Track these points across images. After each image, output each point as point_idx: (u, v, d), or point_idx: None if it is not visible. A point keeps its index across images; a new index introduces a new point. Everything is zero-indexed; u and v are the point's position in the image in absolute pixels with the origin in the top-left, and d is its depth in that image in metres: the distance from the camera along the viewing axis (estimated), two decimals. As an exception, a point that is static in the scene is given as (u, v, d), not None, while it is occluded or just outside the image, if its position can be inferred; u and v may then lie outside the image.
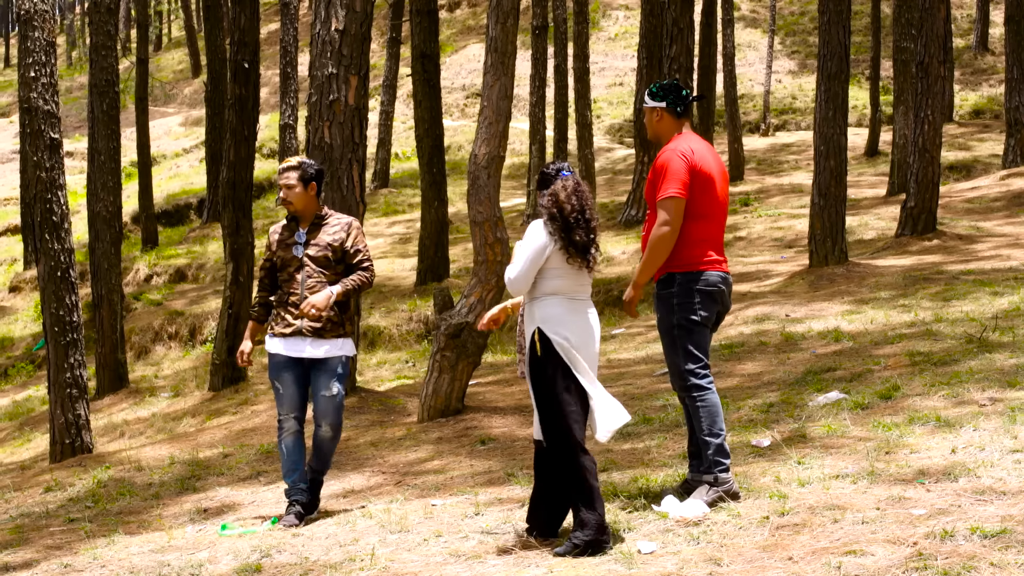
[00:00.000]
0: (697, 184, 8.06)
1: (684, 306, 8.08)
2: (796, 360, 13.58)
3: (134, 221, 42.19)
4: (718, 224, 8.24)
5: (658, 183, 8.08)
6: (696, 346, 8.14)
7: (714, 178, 8.15)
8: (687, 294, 8.07)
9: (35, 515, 11.29)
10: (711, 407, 8.10)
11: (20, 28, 15.73)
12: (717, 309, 8.21)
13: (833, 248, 20.18)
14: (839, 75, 20.42)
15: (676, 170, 8.00)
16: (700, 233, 8.12)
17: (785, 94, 51.15)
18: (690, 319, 8.09)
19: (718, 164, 8.29)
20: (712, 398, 8.11)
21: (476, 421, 12.59)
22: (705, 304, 8.10)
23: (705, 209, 8.12)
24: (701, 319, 8.10)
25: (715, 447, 8.03)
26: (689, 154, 8.06)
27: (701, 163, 8.08)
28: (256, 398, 17.19)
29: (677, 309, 8.06)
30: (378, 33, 58.31)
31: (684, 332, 8.11)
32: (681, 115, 8.30)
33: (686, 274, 8.08)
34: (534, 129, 35.48)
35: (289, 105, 42.90)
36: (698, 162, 8.06)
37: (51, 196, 15.53)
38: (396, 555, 7.64)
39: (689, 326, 8.11)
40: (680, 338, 8.11)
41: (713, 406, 8.10)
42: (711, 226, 8.18)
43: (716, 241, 8.22)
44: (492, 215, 12.74)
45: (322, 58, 15.33)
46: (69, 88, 71.28)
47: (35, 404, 25.15)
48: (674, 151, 8.08)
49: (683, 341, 8.11)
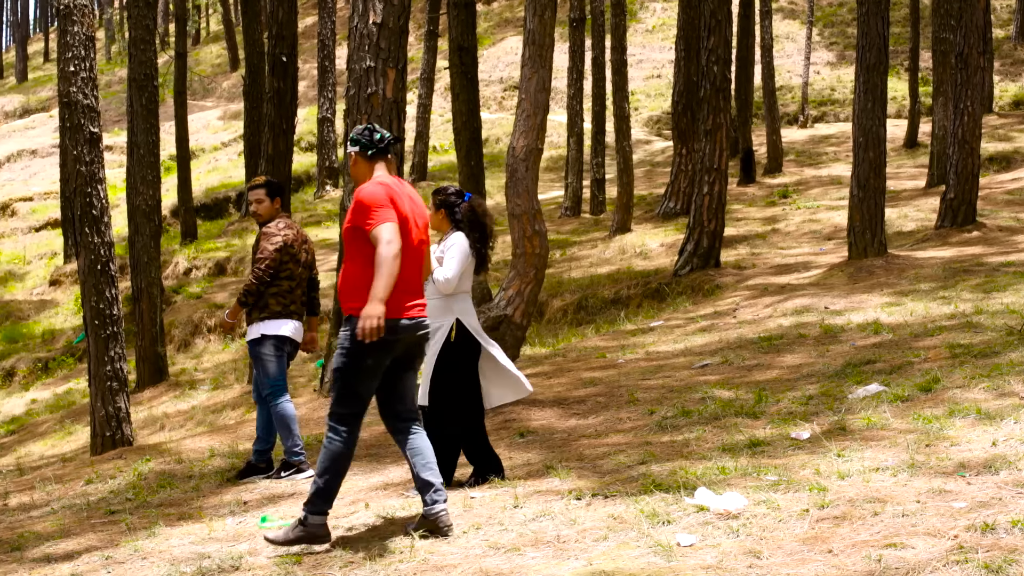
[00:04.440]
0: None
1: (355, 350, 8.01)
2: (835, 352, 13.54)
3: (173, 215, 42.33)
4: (409, 265, 8.15)
5: (360, 217, 8.02)
6: (351, 392, 8.16)
7: (407, 219, 8.16)
8: (362, 340, 7.88)
9: (76, 507, 11.34)
10: (334, 454, 8.11)
11: (59, 23, 15.78)
12: (393, 356, 8.17)
13: (872, 240, 20.10)
14: (878, 66, 20.33)
15: (380, 201, 8.01)
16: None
17: (824, 85, 50.95)
18: (357, 363, 8.07)
19: (414, 207, 8.33)
20: (338, 447, 8.11)
21: (515, 414, 12.59)
22: (378, 352, 8.03)
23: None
24: (368, 366, 8.06)
25: (318, 488, 8.07)
26: (388, 190, 8.11)
27: (398, 202, 8.11)
28: (295, 391, 17.21)
29: (347, 352, 8.02)
30: (415, 26, 58.34)
31: (348, 372, 8.09)
32: (373, 157, 8.38)
33: (378, 322, 7.88)
34: (572, 122, 35.44)
35: (327, 98, 43.07)
36: (397, 201, 8.10)
37: (91, 190, 15.59)
38: (435, 547, 7.65)
39: (355, 368, 8.08)
40: (342, 377, 8.11)
41: (336, 454, 8.10)
42: (403, 269, 8.07)
43: (406, 283, 8.14)
44: (530, 208, 12.74)
45: (360, 51, 15.36)
46: (108, 82, 71.55)
47: (76, 397, 25.29)
48: (372, 184, 8.14)
49: (343, 381, 8.12)
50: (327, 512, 8.06)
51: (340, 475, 8.14)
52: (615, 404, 12.42)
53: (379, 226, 7.91)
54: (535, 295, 13.00)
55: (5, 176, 56.86)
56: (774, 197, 32.46)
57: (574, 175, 34.80)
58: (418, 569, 7.24)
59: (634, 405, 12.17)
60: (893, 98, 44.40)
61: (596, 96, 34.43)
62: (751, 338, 15.44)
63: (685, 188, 30.02)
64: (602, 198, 34.87)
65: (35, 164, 57.62)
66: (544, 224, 12.92)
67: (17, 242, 45.64)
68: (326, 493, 8.07)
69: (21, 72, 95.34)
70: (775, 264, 22.80)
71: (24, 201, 50.72)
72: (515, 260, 12.95)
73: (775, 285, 19.88)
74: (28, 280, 39.93)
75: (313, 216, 39.63)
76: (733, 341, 15.50)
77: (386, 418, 8.47)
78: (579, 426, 11.70)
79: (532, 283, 12.87)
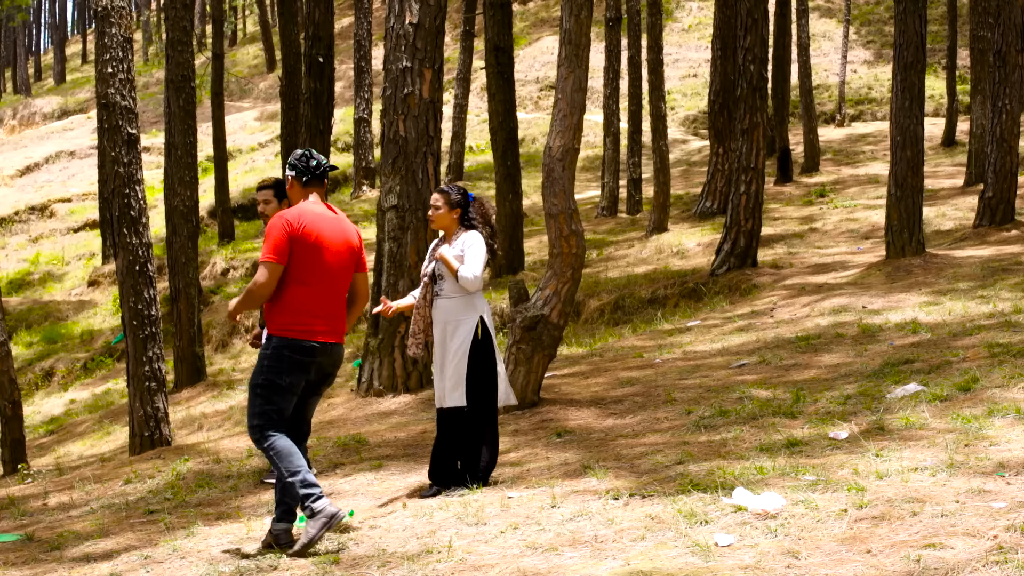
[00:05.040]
0: (298, 250, 8.38)
1: (271, 368, 8.37)
2: (874, 352, 13.50)
3: (211, 215, 42.44)
4: (326, 292, 8.52)
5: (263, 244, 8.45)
6: (271, 407, 8.40)
7: (323, 245, 8.43)
8: (277, 358, 8.36)
9: (115, 507, 11.39)
10: (281, 451, 8.33)
11: (97, 24, 15.85)
12: (307, 377, 8.50)
13: (910, 239, 20.02)
14: (915, 65, 20.25)
15: (275, 236, 8.35)
16: (299, 300, 8.40)
17: (861, 84, 50.77)
18: (274, 382, 8.39)
19: (337, 233, 8.58)
20: (280, 443, 8.34)
21: (552, 413, 12.59)
22: (292, 371, 8.38)
23: (307, 276, 8.44)
24: (285, 384, 8.39)
25: (299, 483, 8.20)
26: (294, 221, 8.40)
27: (308, 228, 8.41)
28: (332, 391, 17.24)
29: (265, 369, 8.34)
30: (451, 26, 58.43)
31: (264, 391, 8.37)
32: (307, 184, 8.71)
33: (280, 339, 8.38)
34: (608, 121, 35.43)
35: (363, 99, 43.13)
36: (302, 229, 8.39)
37: (129, 191, 15.66)
38: (473, 547, 7.66)
39: (270, 387, 8.39)
40: (259, 396, 8.38)
41: (283, 449, 8.33)
42: (315, 293, 8.45)
43: (321, 309, 8.49)
44: (567, 207, 12.72)
45: (396, 52, 15.39)
46: (146, 84, 71.84)
47: (114, 397, 25.41)
48: (280, 217, 8.44)
49: (260, 399, 8.38)
50: (320, 494, 8.20)
51: (299, 459, 8.33)
52: (652, 404, 12.41)
53: (261, 264, 8.36)
54: (572, 295, 12.98)
55: (44, 177, 57.13)
56: (811, 196, 32.37)
57: (610, 175, 34.79)
58: (456, 569, 7.25)
59: (671, 405, 12.16)
60: (931, 96, 44.25)
61: (632, 96, 34.41)
62: (788, 338, 15.40)
63: (722, 187, 29.99)
64: (638, 198, 34.84)
65: (73, 165, 57.87)
66: (581, 224, 12.89)
67: (56, 243, 45.86)
68: (306, 482, 8.23)
69: (59, 74, 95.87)
70: (812, 263, 22.73)
71: (62, 202, 50.96)
72: (552, 260, 12.93)
73: (812, 284, 19.82)
74: (67, 281, 40.13)
75: (350, 216, 39.60)
76: (770, 341, 15.47)
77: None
78: (616, 426, 11.69)
79: (569, 283, 12.84)
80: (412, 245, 15.38)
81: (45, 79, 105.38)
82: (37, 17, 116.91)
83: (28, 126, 74.02)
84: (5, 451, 18.30)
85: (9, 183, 56.81)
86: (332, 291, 8.53)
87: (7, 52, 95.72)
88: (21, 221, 49.79)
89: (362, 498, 10.08)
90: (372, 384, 15.64)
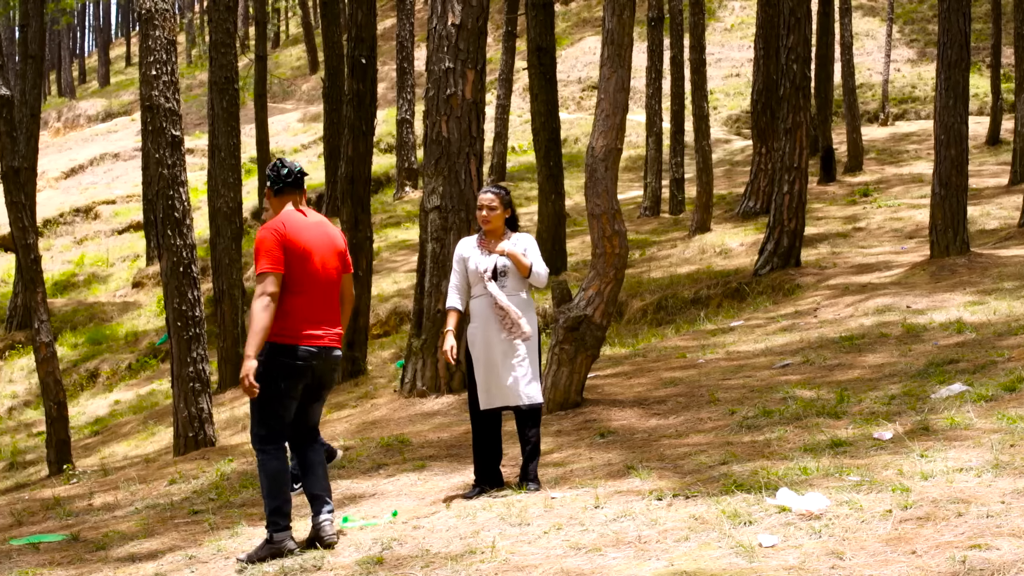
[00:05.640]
0: (292, 259, 8.52)
1: (268, 375, 8.43)
2: (918, 352, 13.44)
3: (254, 216, 42.63)
4: (318, 298, 8.64)
5: (255, 259, 8.53)
6: (271, 414, 8.56)
7: (310, 252, 8.56)
8: (273, 365, 8.45)
9: (160, 507, 11.45)
10: (270, 473, 8.54)
11: (141, 27, 15.95)
12: (304, 382, 8.60)
13: (955, 238, 19.93)
14: (959, 63, 20.16)
15: (268, 247, 8.50)
16: (293, 308, 8.52)
17: (904, 83, 50.57)
18: (272, 389, 8.49)
19: (321, 238, 8.70)
20: (272, 465, 8.54)
21: (595, 414, 12.59)
22: (288, 376, 8.50)
23: (298, 285, 8.56)
24: (283, 390, 8.52)
25: (270, 509, 8.47)
26: (280, 228, 8.55)
27: (293, 237, 8.55)
28: (376, 392, 17.28)
29: (261, 377, 8.37)
30: (494, 27, 58.45)
31: (263, 398, 8.51)
32: (279, 193, 8.85)
33: (275, 345, 8.48)
34: (650, 121, 35.43)
35: (406, 100, 43.18)
36: (289, 235, 8.54)
37: (173, 192, 15.74)
38: (516, 547, 7.67)
39: (269, 394, 8.50)
40: (259, 403, 8.51)
41: (272, 473, 8.54)
42: (308, 300, 8.58)
43: (314, 315, 8.61)
44: (610, 208, 12.71)
45: (439, 53, 15.42)
46: (189, 86, 72.14)
47: (159, 398, 25.52)
48: (266, 228, 8.57)
49: (260, 407, 8.53)
50: (289, 526, 8.49)
51: (285, 489, 8.56)
52: (696, 404, 12.39)
53: (259, 275, 8.48)
54: (615, 295, 12.96)
55: (88, 179, 57.44)
56: (855, 196, 32.25)
57: (653, 175, 34.77)
58: (499, 569, 7.26)
59: (715, 405, 12.14)
60: (975, 95, 44.02)
61: (675, 95, 34.39)
62: (832, 338, 15.35)
63: (765, 187, 29.90)
64: (681, 198, 34.80)
65: (117, 167, 58.17)
66: (623, 224, 12.87)
67: (100, 245, 46.11)
68: (279, 511, 8.49)
69: (103, 76, 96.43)
70: (856, 263, 22.65)
71: (107, 204, 51.23)
72: (595, 260, 12.91)
73: (856, 284, 19.75)
74: (111, 282, 40.35)
75: (392, 217, 39.80)
76: (814, 341, 15.42)
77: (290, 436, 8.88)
78: (660, 426, 11.68)
79: (612, 283, 12.82)
80: (455, 246, 15.39)
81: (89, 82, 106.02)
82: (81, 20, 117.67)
83: (73, 129, 74.45)
84: (51, 451, 18.42)
85: (54, 185, 57.13)
86: (324, 296, 8.67)
87: (52, 55, 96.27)
88: (66, 223, 50.07)
89: (405, 498, 10.10)
90: (415, 385, 15.66)
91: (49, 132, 72.36)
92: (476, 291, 9.76)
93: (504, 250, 9.69)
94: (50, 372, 18.47)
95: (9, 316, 35.34)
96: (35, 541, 10.37)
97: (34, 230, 19.38)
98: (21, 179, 19.36)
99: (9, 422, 27.88)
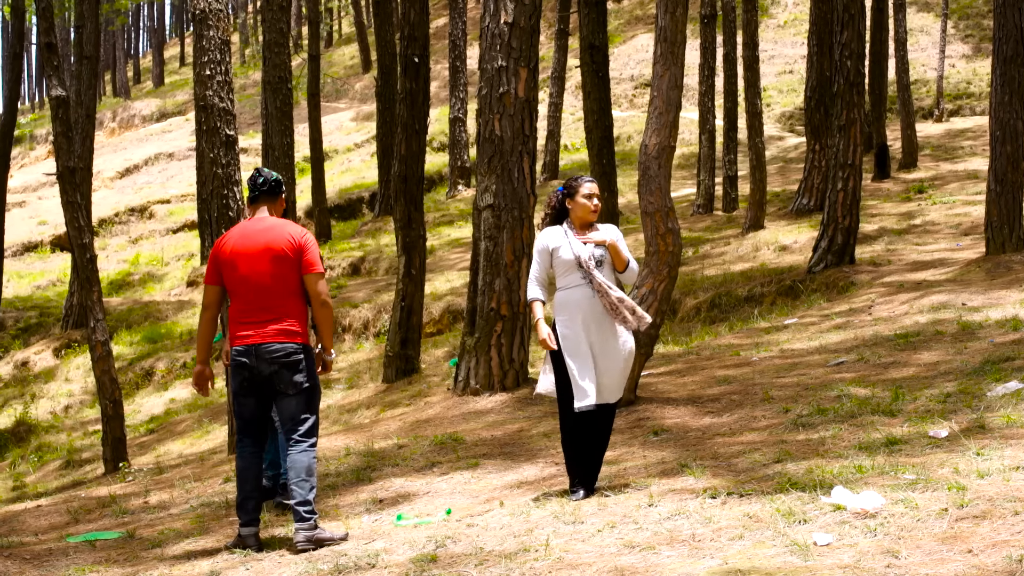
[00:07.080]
0: (221, 268, 9.10)
1: (231, 377, 9.18)
2: (973, 349, 13.36)
3: (307, 215, 42.78)
4: (250, 300, 9.02)
5: None
6: (236, 412, 9.26)
7: (235, 259, 9.03)
8: (231, 367, 9.13)
9: (215, 505, 11.50)
10: (236, 469, 9.25)
11: (195, 27, 16.02)
12: (244, 378, 9.02)
13: (1010, 235, 19.82)
14: (1015, 58, 20.03)
15: (210, 259, 9.23)
16: (231, 312, 9.15)
17: (959, 79, 50.27)
18: (232, 388, 9.26)
19: (252, 244, 9.01)
20: (238, 462, 9.21)
21: (649, 412, 12.57)
22: (235, 375, 9.07)
23: (231, 291, 9.12)
24: (236, 388, 9.12)
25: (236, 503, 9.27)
26: (218, 242, 9.19)
27: (221, 247, 9.11)
28: (429, 390, 17.31)
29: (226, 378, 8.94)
30: (546, 25, 58.49)
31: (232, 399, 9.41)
32: (253, 201, 9.30)
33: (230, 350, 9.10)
34: (703, 118, 35.33)
35: (459, 98, 43.25)
36: (219, 247, 9.13)
37: (227, 192, 15.82)
38: (570, 546, 7.66)
39: (233, 395, 9.27)
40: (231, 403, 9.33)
41: (238, 468, 9.20)
42: (239, 304, 9.07)
43: (242, 315, 9.06)
44: (663, 205, 12.69)
45: (492, 51, 15.43)
46: (243, 85, 72.48)
47: (213, 396, 25.63)
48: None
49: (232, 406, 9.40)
50: (249, 522, 9.08)
51: (246, 485, 9.11)
52: (749, 402, 12.36)
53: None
54: (668, 293, 12.94)
55: (143, 179, 57.84)
56: (909, 192, 32.08)
57: (706, 172, 34.68)
58: (553, 567, 7.26)
59: (769, 403, 12.11)
60: (1031, 90, 43.68)
61: (728, 93, 34.29)
62: (887, 335, 15.28)
63: (819, 184, 29.80)
64: (734, 195, 34.70)
65: (172, 167, 58.54)
66: (677, 222, 12.84)
67: (155, 244, 46.42)
68: (240, 506, 9.14)
69: (158, 76, 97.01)
70: (911, 260, 22.53)
71: (161, 203, 51.58)
72: (648, 258, 12.89)
73: (911, 282, 19.65)
74: (166, 281, 40.59)
75: (445, 216, 39.86)
76: (869, 338, 15.35)
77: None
78: (713, 424, 11.65)
79: (665, 281, 12.80)
80: (508, 244, 15.41)
81: (144, 82, 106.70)
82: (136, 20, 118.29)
83: (127, 128, 74.94)
84: (107, 449, 18.54)
85: (109, 185, 57.55)
86: (256, 298, 9.00)
87: (107, 56, 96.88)
88: (121, 222, 50.45)
89: (459, 496, 10.12)
90: (468, 383, 15.67)
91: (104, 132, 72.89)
92: (568, 281, 9.24)
93: (607, 240, 9.24)
94: (106, 371, 18.60)
95: (65, 315, 35.60)
96: (92, 539, 10.44)
97: (90, 230, 19.51)
98: (77, 179, 19.49)
99: (66, 420, 28.08)
